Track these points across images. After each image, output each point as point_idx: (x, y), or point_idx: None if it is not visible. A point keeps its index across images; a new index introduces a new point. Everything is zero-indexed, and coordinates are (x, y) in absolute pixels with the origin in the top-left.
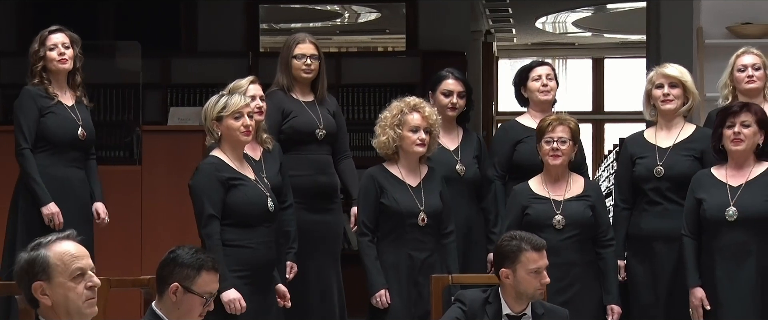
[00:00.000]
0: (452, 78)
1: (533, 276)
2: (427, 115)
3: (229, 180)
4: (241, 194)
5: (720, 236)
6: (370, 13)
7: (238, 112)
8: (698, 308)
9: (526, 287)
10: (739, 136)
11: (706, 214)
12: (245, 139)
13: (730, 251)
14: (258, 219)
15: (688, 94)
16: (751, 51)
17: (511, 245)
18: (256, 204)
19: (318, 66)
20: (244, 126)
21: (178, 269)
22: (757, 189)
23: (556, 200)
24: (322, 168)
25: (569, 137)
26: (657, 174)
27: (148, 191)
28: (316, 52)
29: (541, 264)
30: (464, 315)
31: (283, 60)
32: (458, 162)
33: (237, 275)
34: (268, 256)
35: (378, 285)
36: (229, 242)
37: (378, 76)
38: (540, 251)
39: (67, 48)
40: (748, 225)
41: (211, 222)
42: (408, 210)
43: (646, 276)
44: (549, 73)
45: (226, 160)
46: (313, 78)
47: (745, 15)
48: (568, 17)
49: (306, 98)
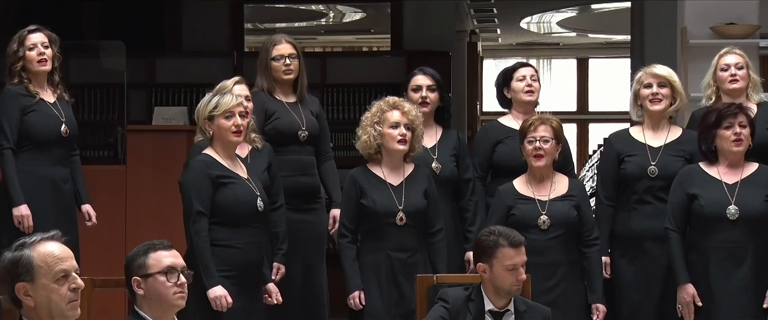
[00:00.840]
0: (420, 73)
1: (509, 272)
2: (406, 110)
3: (218, 178)
4: (231, 192)
5: (717, 233)
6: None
7: (229, 112)
8: (689, 304)
9: (502, 282)
10: (740, 137)
11: (704, 211)
12: (236, 139)
13: (727, 249)
14: (246, 219)
15: (675, 94)
16: (734, 51)
17: (488, 240)
18: (245, 204)
19: (297, 65)
20: (235, 126)
21: (131, 266)
22: (753, 188)
23: (541, 200)
24: (304, 168)
25: (552, 136)
26: (651, 173)
27: (133, 191)
28: (294, 52)
29: (517, 260)
30: (448, 313)
31: (262, 63)
32: (434, 160)
33: (224, 274)
34: (255, 256)
35: (353, 286)
36: (216, 241)
37: (363, 76)
38: (517, 247)
39: (46, 48)
40: (747, 223)
41: (199, 218)
42: (385, 210)
43: (636, 276)
44: (533, 74)
45: (217, 158)
46: (294, 78)
47: (729, 15)
48: (553, 17)
49: (288, 99)
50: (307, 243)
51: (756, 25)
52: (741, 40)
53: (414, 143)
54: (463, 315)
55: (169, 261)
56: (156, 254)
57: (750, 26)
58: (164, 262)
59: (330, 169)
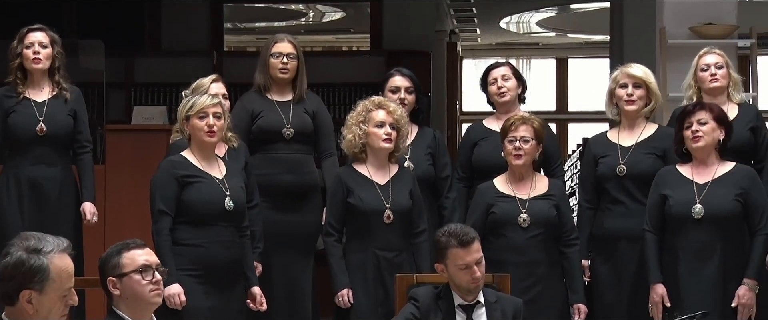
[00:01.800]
0: (398, 74)
1: (462, 271)
2: (392, 110)
3: (185, 177)
4: (196, 192)
5: (684, 233)
6: (335, 13)
7: (202, 112)
8: (658, 304)
9: (459, 281)
10: (697, 134)
11: (672, 211)
12: (208, 139)
13: (694, 248)
14: (214, 218)
15: (651, 95)
16: (714, 51)
17: (440, 241)
18: (211, 203)
19: (295, 66)
20: (208, 126)
21: (106, 266)
22: (723, 187)
23: (521, 199)
24: (290, 167)
25: (532, 137)
26: (619, 172)
27: (112, 191)
28: (293, 52)
29: (468, 260)
30: (418, 311)
31: (262, 59)
32: (407, 159)
33: (189, 274)
34: (225, 256)
35: (341, 284)
36: (182, 240)
37: (343, 76)
38: (466, 246)
39: (43, 47)
40: (714, 223)
41: (160, 218)
42: (373, 208)
43: (610, 275)
44: (504, 74)
45: (191, 158)
46: (290, 77)
47: (708, 15)
48: (532, 17)
49: (283, 98)
50: (291, 243)
51: (734, 26)
52: (719, 41)
53: (399, 142)
54: (433, 313)
55: (144, 259)
56: (130, 253)
57: (728, 26)
58: (139, 261)
59: (330, 166)
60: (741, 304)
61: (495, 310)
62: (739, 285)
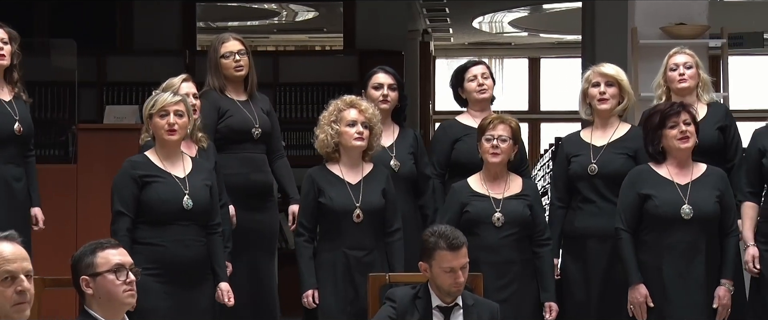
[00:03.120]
0: (381, 72)
1: (447, 274)
2: (363, 108)
3: (143, 177)
4: (153, 192)
5: (671, 233)
6: (308, 12)
7: (163, 110)
8: (642, 305)
9: (441, 283)
10: (686, 134)
11: (659, 211)
12: (168, 137)
13: (681, 249)
14: (173, 217)
15: (623, 93)
16: (684, 50)
17: (429, 241)
18: (167, 202)
19: (247, 61)
20: (168, 124)
21: (79, 265)
22: (704, 188)
23: (495, 198)
24: (257, 166)
25: (509, 136)
26: (591, 172)
27: (84, 190)
28: (242, 48)
29: (454, 264)
30: (395, 312)
31: (211, 62)
32: (393, 157)
33: (149, 273)
34: (187, 255)
35: (308, 285)
36: (141, 239)
37: (315, 75)
38: (455, 250)
39: (5, 43)
40: (701, 223)
41: (118, 218)
42: (343, 208)
43: (580, 274)
44: (484, 72)
45: (153, 158)
46: (246, 73)
47: (679, 16)
48: (505, 17)
49: (240, 97)
50: (258, 242)
51: (705, 26)
52: (691, 41)
53: (372, 141)
54: (410, 314)
55: (118, 259)
56: (104, 253)
57: (699, 26)
58: (113, 261)
59: (284, 166)
60: (721, 305)
61: (472, 313)
62: (718, 285)
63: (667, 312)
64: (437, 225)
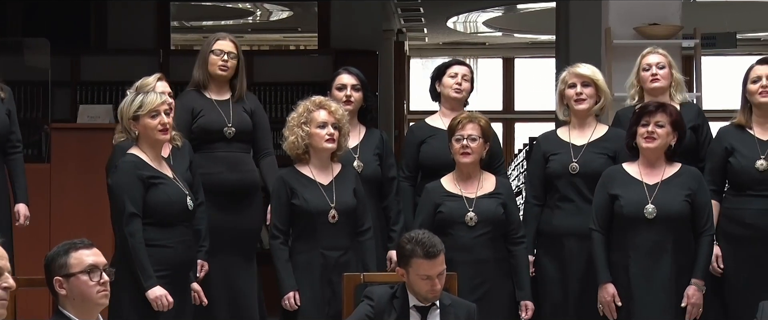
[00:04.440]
0: (345, 73)
1: (423, 281)
2: (333, 110)
3: (148, 178)
4: (162, 193)
5: (636, 233)
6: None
7: (154, 111)
8: (610, 304)
9: (418, 289)
10: (653, 135)
11: (624, 211)
12: (162, 137)
13: (646, 249)
14: (178, 218)
15: (600, 93)
16: (657, 50)
17: (406, 248)
18: (176, 203)
19: (235, 65)
20: (161, 124)
21: (52, 266)
22: (673, 188)
23: (468, 197)
24: (232, 165)
25: (479, 135)
26: (572, 170)
27: (58, 190)
28: (234, 51)
29: (431, 272)
30: (372, 311)
31: (201, 55)
32: (356, 158)
33: (158, 274)
34: (187, 255)
35: (288, 287)
36: (150, 241)
37: (290, 75)
38: (432, 259)
39: None
40: (665, 223)
41: (132, 220)
42: (318, 209)
43: (557, 273)
44: (466, 74)
45: (144, 158)
46: (229, 76)
47: (652, 16)
48: (479, 17)
49: (221, 96)
50: (234, 242)
51: (679, 26)
52: (664, 41)
53: (341, 141)
54: (388, 313)
55: (92, 259)
56: (77, 253)
57: (673, 27)
58: (86, 261)
59: (269, 165)
60: (690, 304)
61: (449, 313)
62: (687, 284)
63: (633, 312)
64: (415, 231)
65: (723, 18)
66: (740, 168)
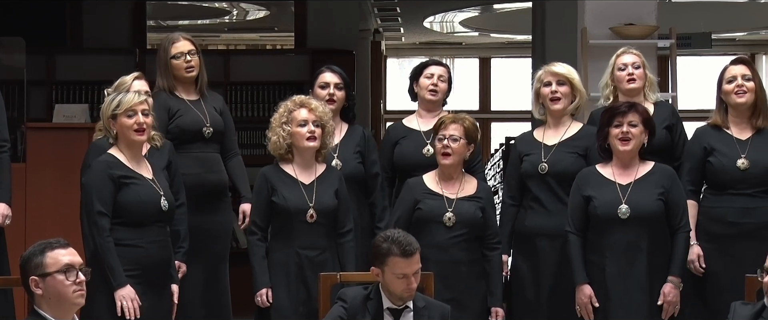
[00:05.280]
0: (328, 71)
1: (399, 280)
2: (313, 107)
3: (120, 178)
4: (133, 193)
5: (611, 234)
6: (259, 11)
7: (131, 110)
8: (587, 305)
9: (393, 288)
10: (627, 136)
11: (598, 212)
12: (138, 137)
13: (621, 248)
14: (150, 219)
15: (575, 92)
16: (631, 51)
17: (382, 247)
18: (147, 204)
19: (198, 61)
20: (137, 124)
21: (28, 265)
22: (646, 187)
23: (448, 198)
24: (209, 166)
25: (462, 135)
26: (541, 170)
27: (33, 189)
28: (193, 48)
29: (407, 270)
30: (346, 313)
31: (161, 62)
32: (335, 157)
33: (129, 274)
34: (162, 256)
35: (261, 284)
36: (119, 241)
37: (267, 74)
38: (408, 257)
39: None
40: (639, 222)
41: (100, 219)
42: (296, 207)
43: (530, 273)
44: (442, 75)
45: (121, 158)
46: (195, 75)
47: (628, 16)
48: (456, 17)
49: (190, 97)
50: (212, 243)
51: (654, 26)
52: (640, 41)
53: (325, 140)
54: (361, 314)
55: (67, 259)
56: (53, 253)
57: (648, 27)
58: (62, 261)
59: (237, 165)
60: (667, 302)
61: (423, 316)
62: (663, 283)
63: (610, 312)
64: (390, 230)
65: (698, 18)
66: (721, 167)
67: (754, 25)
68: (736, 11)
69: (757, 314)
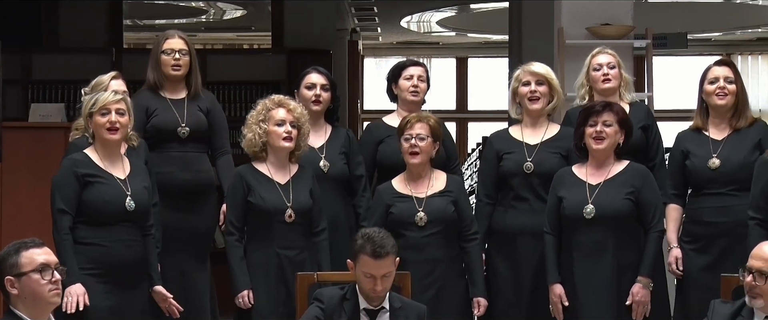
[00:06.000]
0: (314, 72)
1: (367, 279)
2: (291, 108)
3: (85, 176)
4: (96, 192)
5: (578, 233)
6: (236, 11)
7: (105, 109)
8: (557, 304)
9: (361, 286)
10: (601, 135)
11: (566, 212)
12: (110, 136)
13: (588, 248)
14: (115, 218)
15: (553, 92)
16: (606, 51)
17: (357, 243)
18: (111, 203)
19: (188, 62)
20: (110, 122)
21: (2, 266)
22: (615, 187)
23: (418, 197)
24: (186, 165)
25: (428, 134)
26: (527, 169)
27: (9, 189)
28: (185, 48)
29: (374, 272)
30: (323, 313)
31: (153, 56)
32: (322, 158)
33: (90, 273)
34: (128, 255)
35: (242, 285)
36: (82, 239)
37: (244, 74)
38: (377, 259)
39: None
40: (605, 222)
41: (60, 216)
42: (275, 207)
43: (510, 272)
44: (421, 75)
45: (93, 157)
46: (182, 74)
47: (605, 16)
48: (433, 17)
49: (177, 95)
50: (187, 241)
51: (630, 26)
52: (616, 41)
53: (300, 141)
54: (338, 315)
55: (43, 258)
56: (28, 252)
57: (625, 27)
58: (38, 260)
59: (224, 164)
60: (636, 302)
61: (399, 316)
62: (633, 283)
63: (579, 311)
64: (370, 228)
65: (674, 18)
66: (694, 168)
67: (730, 25)
68: (712, 12)
69: (736, 312)
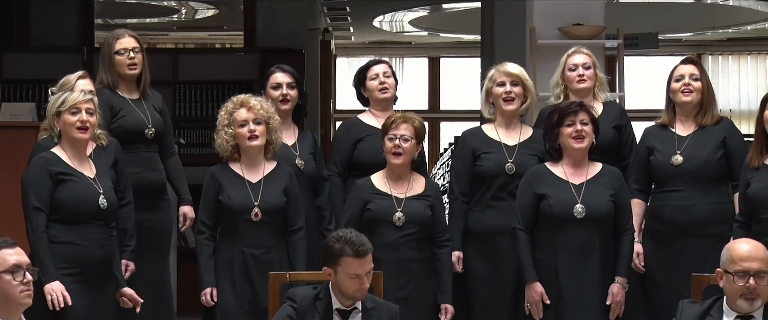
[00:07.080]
0: (279, 71)
1: (352, 280)
2: (252, 106)
3: (58, 174)
4: (70, 190)
5: (565, 233)
6: (208, 10)
7: (75, 107)
8: (538, 303)
9: (346, 288)
10: (581, 134)
11: (553, 211)
12: (80, 135)
13: (575, 248)
14: (88, 216)
15: (527, 92)
16: (582, 50)
17: (334, 247)
18: (85, 201)
19: (142, 59)
20: (80, 121)
21: None
22: (598, 188)
23: (397, 197)
24: (150, 165)
25: (412, 135)
26: (508, 171)
27: None
28: (137, 45)
29: (359, 271)
30: (295, 312)
31: (105, 58)
32: (297, 156)
33: (65, 272)
34: (101, 254)
35: (207, 283)
36: (55, 238)
37: (216, 73)
38: (361, 257)
39: None
40: (594, 222)
41: (35, 215)
42: (241, 206)
43: (489, 272)
44: (386, 71)
45: (62, 155)
46: (139, 73)
47: (576, 16)
48: (405, 16)
49: (132, 95)
50: (154, 241)
51: (602, 26)
52: (588, 41)
53: (271, 136)
54: (311, 314)
55: (14, 259)
56: (0, 253)
57: (596, 27)
58: (9, 261)
59: (174, 165)
60: (615, 302)
61: (371, 317)
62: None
63: (563, 311)
64: (342, 231)
65: (645, 19)
66: (658, 164)
67: (701, 25)
68: (683, 12)
69: (704, 312)
